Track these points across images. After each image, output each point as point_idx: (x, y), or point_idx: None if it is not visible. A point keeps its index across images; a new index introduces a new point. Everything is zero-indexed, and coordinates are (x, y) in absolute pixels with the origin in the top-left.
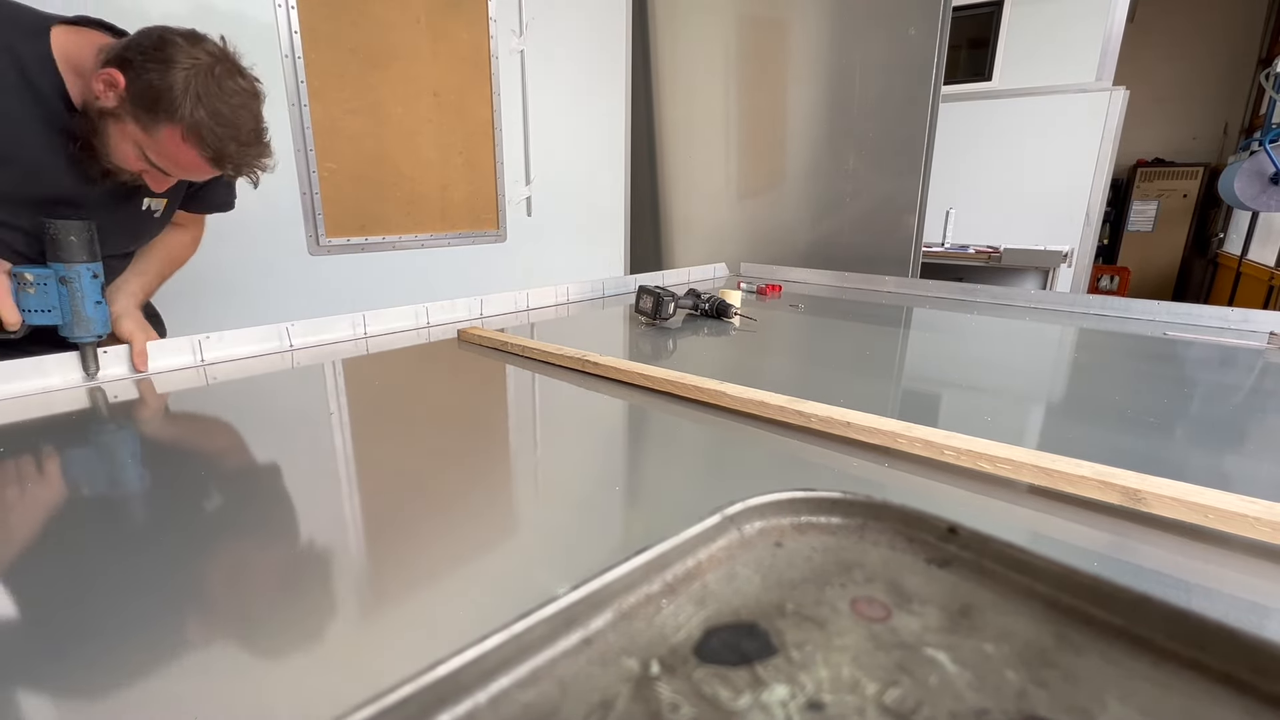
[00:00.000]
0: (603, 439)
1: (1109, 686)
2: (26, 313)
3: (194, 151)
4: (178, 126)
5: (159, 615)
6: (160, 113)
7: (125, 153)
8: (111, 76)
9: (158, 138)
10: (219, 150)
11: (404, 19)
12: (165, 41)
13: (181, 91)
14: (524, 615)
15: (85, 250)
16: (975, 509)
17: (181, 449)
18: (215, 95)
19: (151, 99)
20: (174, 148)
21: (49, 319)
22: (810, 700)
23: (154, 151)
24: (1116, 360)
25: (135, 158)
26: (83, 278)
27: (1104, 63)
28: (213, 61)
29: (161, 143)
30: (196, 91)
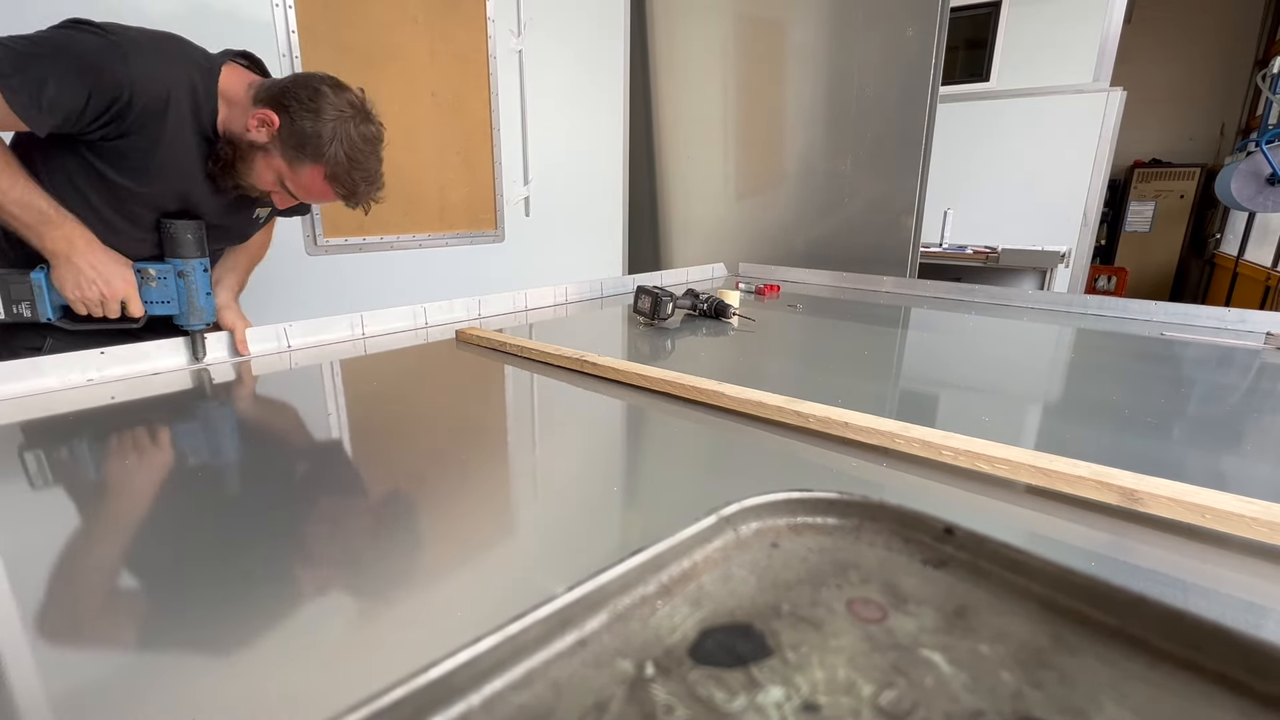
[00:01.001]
0: (600, 439)
1: (1105, 687)
2: (148, 304)
3: (329, 188)
4: (321, 167)
5: (161, 614)
6: (307, 155)
7: (265, 179)
8: (267, 117)
9: (300, 174)
10: (351, 189)
11: (402, 19)
12: (318, 93)
13: (329, 139)
14: (518, 617)
15: (198, 247)
16: (973, 509)
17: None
18: (354, 143)
19: (301, 142)
20: (312, 183)
21: (167, 309)
22: (805, 702)
23: (293, 183)
24: (1114, 360)
25: (273, 184)
26: (196, 272)
27: (1101, 64)
28: (354, 112)
29: (302, 178)
30: (340, 139)
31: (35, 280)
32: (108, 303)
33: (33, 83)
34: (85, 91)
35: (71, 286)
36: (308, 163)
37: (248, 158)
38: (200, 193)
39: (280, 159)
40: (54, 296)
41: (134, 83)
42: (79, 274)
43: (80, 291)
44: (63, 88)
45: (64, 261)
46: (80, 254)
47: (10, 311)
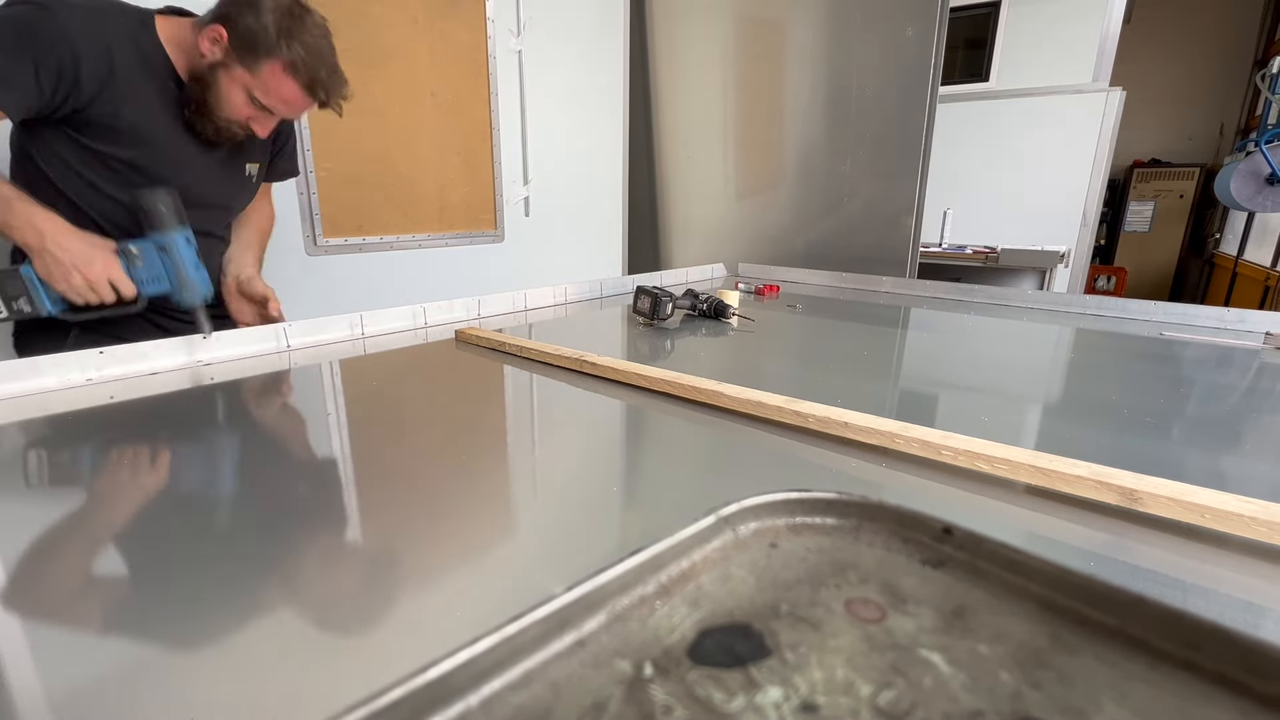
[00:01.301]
0: (600, 440)
1: (1104, 687)
2: (140, 284)
3: (293, 83)
4: (278, 61)
5: (160, 614)
6: (261, 52)
7: (235, 101)
8: (216, 32)
9: (262, 76)
10: (313, 78)
11: (401, 19)
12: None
13: (275, 30)
14: (517, 617)
15: (175, 216)
16: (972, 509)
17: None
18: (302, 30)
19: (251, 41)
20: (276, 82)
21: (159, 287)
22: (804, 702)
23: (260, 90)
24: (1113, 360)
25: (244, 103)
26: (178, 244)
27: (1101, 64)
28: (290, 2)
29: (265, 80)
30: (288, 29)
31: (26, 275)
32: (96, 286)
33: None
34: (30, 61)
35: (57, 277)
36: (264, 60)
37: (213, 84)
38: (189, 153)
39: (240, 68)
40: (49, 289)
41: (70, 38)
42: (55, 262)
43: (67, 281)
44: (12, 63)
45: (38, 253)
46: (51, 241)
47: (11, 309)
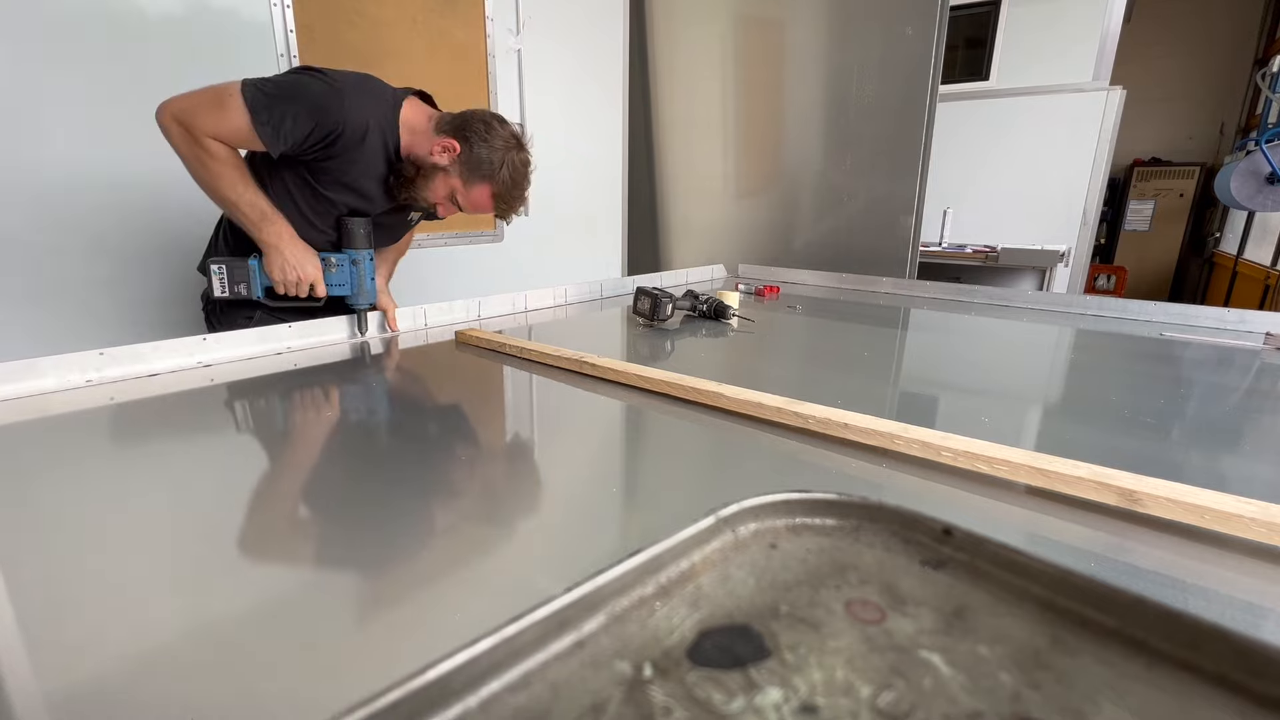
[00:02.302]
0: (600, 440)
1: (1103, 688)
2: (329, 287)
3: (492, 203)
4: (489, 186)
5: (160, 614)
6: (481, 176)
7: (439, 194)
8: (449, 144)
9: (472, 191)
10: (508, 205)
11: (400, 18)
12: (490, 127)
13: (499, 165)
14: (516, 618)
15: (367, 241)
16: (972, 510)
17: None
18: (517, 169)
19: (477, 166)
20: (480, 199)
21: (342, 291)
22: (804, 703)
23: (464, 198)
24: (1113, 361)
25: (444, 198)
26: (365, 260)
27: (1101, 62)
28: (516, 144)
29: (473, 194)
30: (507, 165)
31: (251, 265)
32: (301, 285)
33: (276, 118)
34: (311, 125)
35: (277, 271)
36: (480, 182)
37: (429, 176)
38: (377, 201)
39: (457, 179)
40: (262, 279)
41: (346, 120)
42: (284, 261)
43: (283, 275)
44: (296, 124)
45: (274, 251)
46: (286, 246)
47: (231, 290)
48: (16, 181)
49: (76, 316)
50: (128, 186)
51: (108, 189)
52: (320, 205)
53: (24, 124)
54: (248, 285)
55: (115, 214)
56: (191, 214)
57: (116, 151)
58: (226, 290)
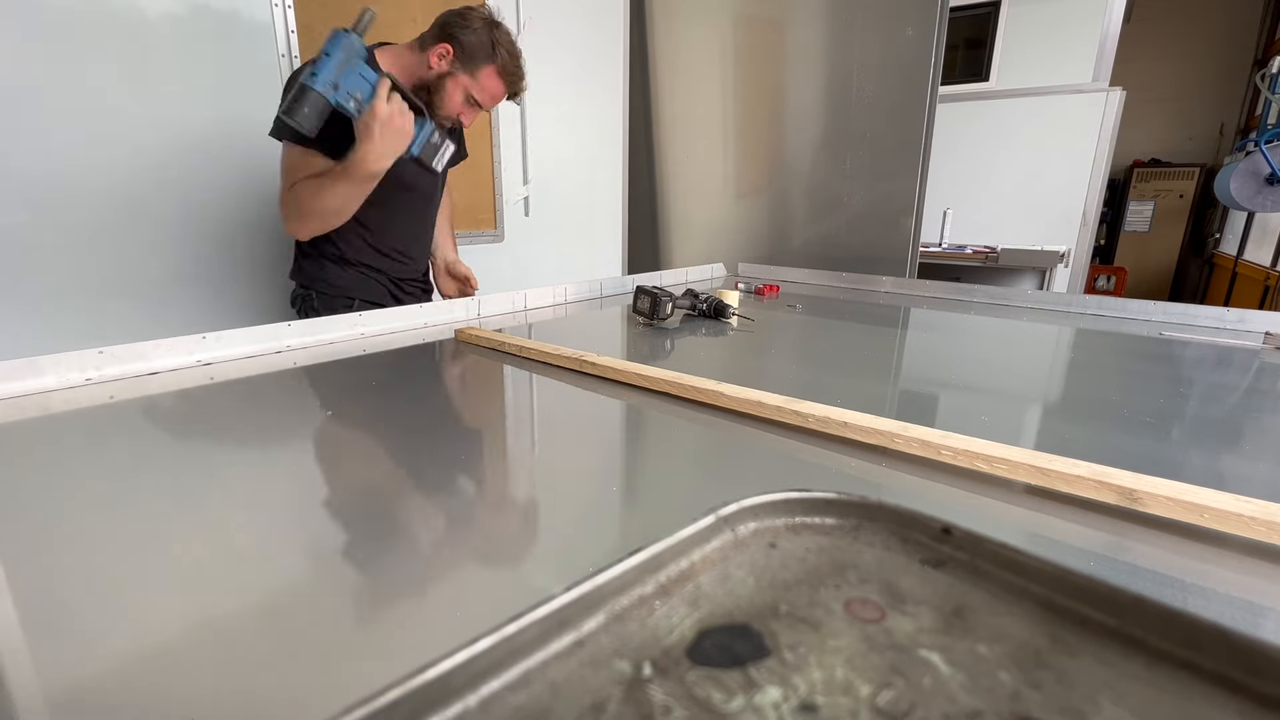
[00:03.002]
0: (599, 439)
1: (1103, 688)
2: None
3: (500, 81)
4: (493, 65)
5: (159, 615)
6: (482, 59)
7: (455, 100)
8: (443, 49)
9: (479, 78)
10: (515, 76)
11: (400, 18)
12: (464, 16)
13: (490, 42)
14: (516, 617)
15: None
16: (971, 509)
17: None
18: (505, 41)
19: (474, 52)
20: (490, 83)
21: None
22: (803, 702)
23: (476, 90)
24: (1113, 360)
25: (461, 102)
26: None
27: (1101, 63)
28: (492, 20)
29: (482, 80)
30: (496, 40)
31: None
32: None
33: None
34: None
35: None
36: (483, 65)
37: (440, 89)
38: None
39: (464, 74)
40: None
41: None
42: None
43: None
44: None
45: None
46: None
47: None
48: (16, 181)
49: (76, 315)
50: (127, 186)
51: (107, 189)
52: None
53: (24, 124)
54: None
55: (115, 213)
56: (191, 213)
57: (116, 151)
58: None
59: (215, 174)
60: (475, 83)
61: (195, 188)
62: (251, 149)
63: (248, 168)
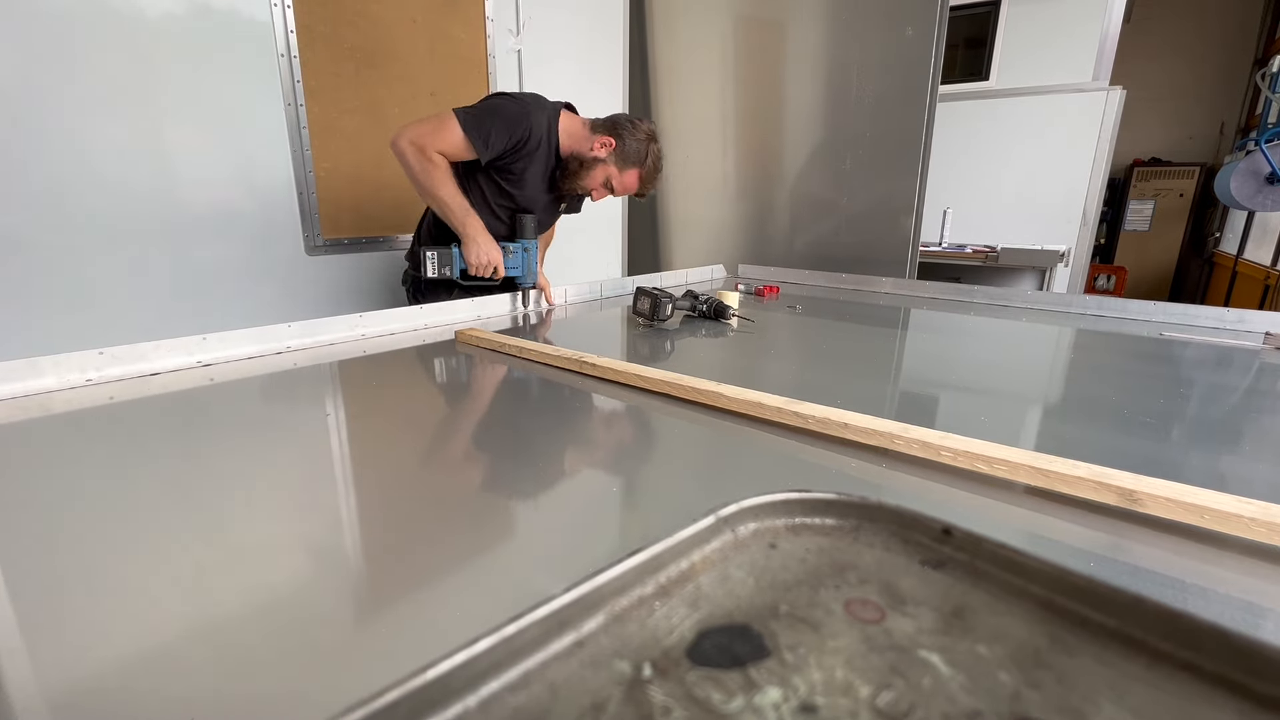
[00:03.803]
0: (599, 440)
1: (1102, 688)
2: (507, 269)
3: (638, 185)
4: (639, 170)
5: (158, 614)
6: (632, 163)
7: (596, 182)
8: (607, 140)
9: (624, 176)
10: (650, 184)
11: (400, 18)
12: (636, 125)
13: (645, 154)
14: (516, 618)
15: (535, 232)
16: (971, 510)
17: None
18: (657, 156)
19: (629, 155)
20: (629, 181)
21: (514, 273)
22: (803, 703)
23: (617, 183)
24: (1113, 361)
25: (600, 185)
26: (534, 249)
27: (1101, 63)
28: (653, 136)
29: (625, 179)
30: (650, 153)
31: (454, 252)
32: (488, 267)
33: (484, 133)
34: (508, 134)
35: (473, 257)
36: (631, 168)
37: (590, 167)
38: (540, 196)
39: (613, 167)
40: (459, 263)
41: (531, 131)
42: (478, 249)
43: (477, 260)
44: (497, 134)
45: (471, 241)
46: (480, 235)
47: (440, 272)
48: (16, 181)
49: (76, 315)
50: (128, 186)
51: (108, 188)
52: (503, 200)
53: (24, 124)
54: (450, 268)
55: (115, 213)
56: (191, 213)
57: (117, 151)
58: (435, 272)
59: (215, 174)
60: (619, 176)
61: (195, 188)
62: (251, 149)
63: (248, 167)
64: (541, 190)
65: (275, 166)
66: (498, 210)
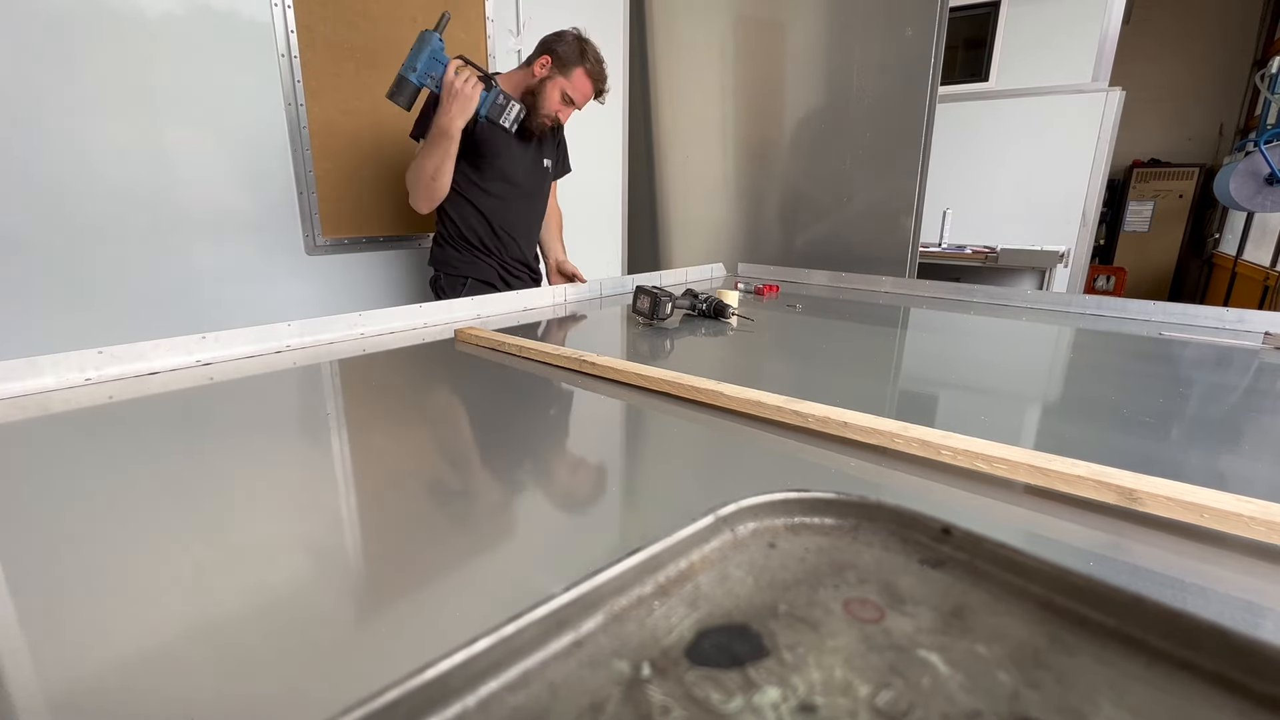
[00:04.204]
0: (599, 439)
1: (1102, 688)
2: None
3: (589, 81)
4: (583, 68)
5: (158, 614)
6: (573, 63)
7: (553, 99)
8: (544, 59)
9: (573, 79)
10: (598, 77)
11: (400, 18)
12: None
13: (581, 52)
14: (514, 617)
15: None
16: (971, 509)
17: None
18: (591, 50)
19: (568, 60)
20: (581, 83)
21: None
22: (802, 703)
23: (570, 89)
24: (1112, 360)
25: (558, 100)
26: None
27: (1100, 64)
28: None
29: (575, 81)
30: (585, 50)
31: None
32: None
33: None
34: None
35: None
36: (575, 68)
37: (541, 92)
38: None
39: (560, 77)
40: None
41: None
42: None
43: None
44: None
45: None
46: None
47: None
48: (16, 181)
49: (76, 315)
50: (128, 186)
51: (108, 188)
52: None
53: (24, 124)
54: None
55: (115, 213)
56: (191, 213)
57: (116, 151)
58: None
59: (215, 174)
60: (570, 83)
61: (195, 187)
62: (251, 149)
63: (248, 167)
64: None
65: (276, 166)
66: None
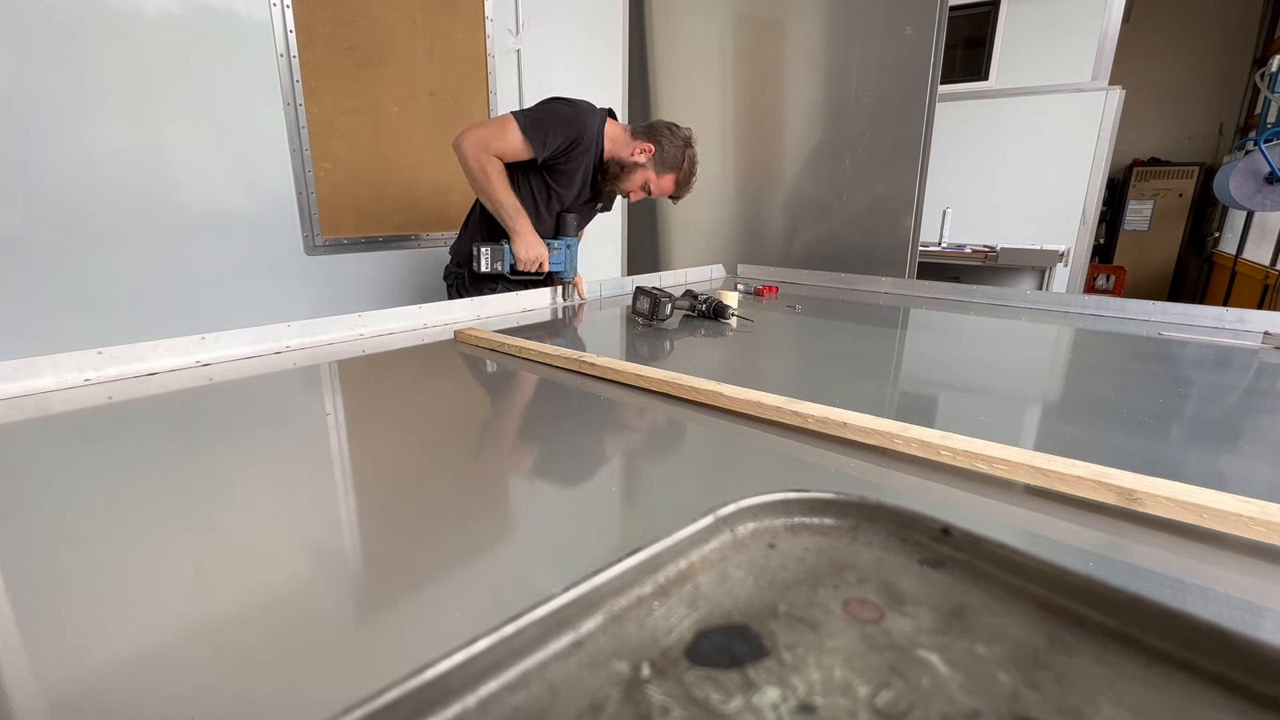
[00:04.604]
0: (598, 440)
1: (1101, 688)
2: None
3: (674, 188)
4: (675, 175)
5: (158, 613)
6: (669, 168)
7: (634, 185)
8: (646, 147)
9: (662, 180)
10: (685, 189)
11: (400, 18)
12: (673, 131)
13: (682, 159)
14: (514, 617)
15: (575, 230)
16: (971, 509)
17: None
18: (693, 161)
19: (668, 160)
20: (666, 185)
21: (557, 268)
22: (802, 703)
23: (655, 186)
24: (1112, 360)
25: (638, 188)
26: (574, 245)
27: (1100, 62)
28: (689, 140)
29: (662, 182)
30: (687, 159)
31: (504, 248)
32: (535, 261)
33: (542, 135)
34: (563, 136)
35: (522, 252)
36: (669, 173)
37: (630, 172)
38: (581, 195)
39: (651, 171)
40: (509, 258)
41: (582, 134)
42: (527, 245)
43: (525, 255)
44: (555, 136)
45: (519, 238)
46: (529, 233)
47: (492, 267)
48: (16, 181)
49: (76, 315)
50: (128, 186)
51: (107, 188)
52: (550, 199)
53: (24, 124)
54: (502, 263)
55: (115, 213)
56: (191, 213)
57: (117, 151)
58: (489, 267)
59: (215, 174)
60: (657, 181)
61: (195, 187)
62: (251, 149)
63: (248, 167)
64: (584, 190)
65: (275, 166)
66: (543, 209)
